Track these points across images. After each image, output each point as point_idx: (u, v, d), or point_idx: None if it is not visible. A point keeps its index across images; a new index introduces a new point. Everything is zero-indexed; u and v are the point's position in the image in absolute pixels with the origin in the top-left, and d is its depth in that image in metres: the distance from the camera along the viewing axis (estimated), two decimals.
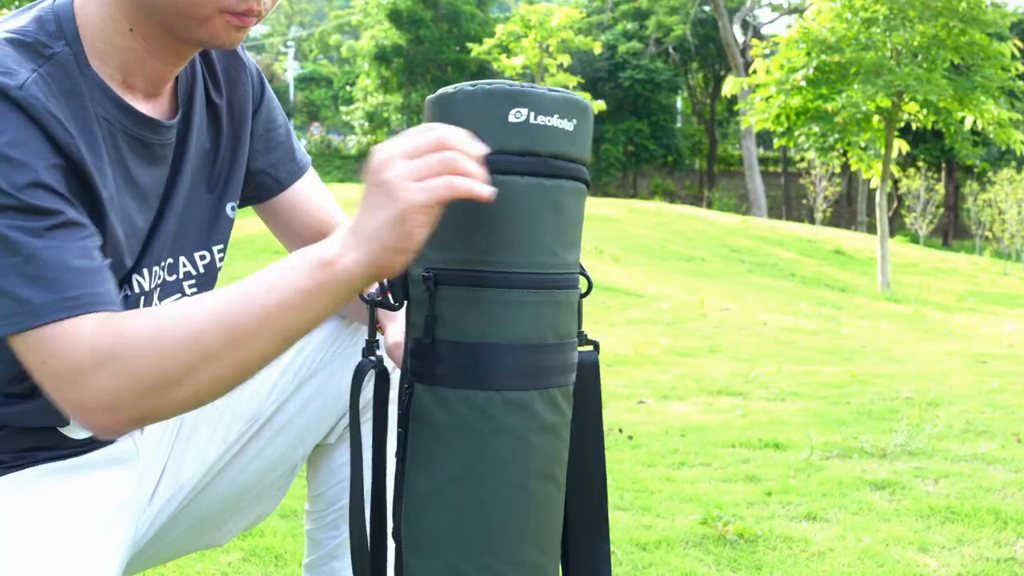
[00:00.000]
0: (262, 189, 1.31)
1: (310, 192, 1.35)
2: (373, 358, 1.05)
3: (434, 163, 0.90)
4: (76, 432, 1.15)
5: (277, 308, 0.91)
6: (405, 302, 1.02)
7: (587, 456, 1.14)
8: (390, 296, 1.02)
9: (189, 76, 1.19)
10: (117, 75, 1.07)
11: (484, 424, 0.98)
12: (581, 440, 1.13)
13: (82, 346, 0.92)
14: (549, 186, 0.99)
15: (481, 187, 0.91)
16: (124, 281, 1.10)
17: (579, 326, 1.08)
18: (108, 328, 0.92)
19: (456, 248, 0.97)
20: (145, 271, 1.12)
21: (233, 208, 1.24)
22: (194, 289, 1.21)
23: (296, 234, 1.34)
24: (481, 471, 0.98)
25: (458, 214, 0.96)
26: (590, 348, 1.12)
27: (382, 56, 34.00)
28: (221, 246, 1.24)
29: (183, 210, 1.17)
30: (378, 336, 1.07)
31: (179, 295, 1.19)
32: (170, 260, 1.16)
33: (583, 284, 1.08)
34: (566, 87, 20.74)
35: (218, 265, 1.25)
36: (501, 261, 0.97)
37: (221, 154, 1.23)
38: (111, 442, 1.21)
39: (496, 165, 0.96)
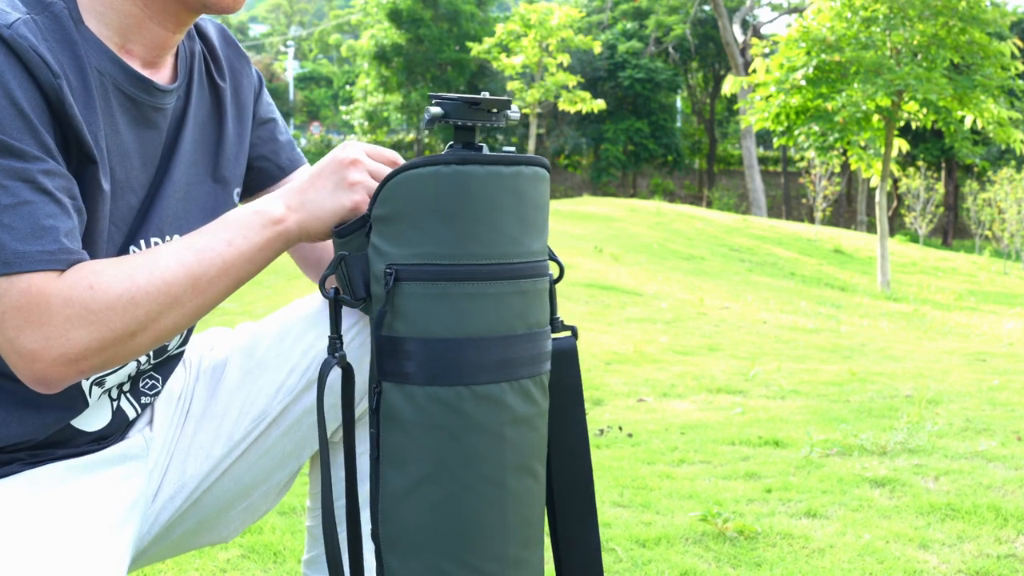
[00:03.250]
0: (264, 175, 1.32)
1: None
2: (336, 355, 1.05)
3: (386, 154, 1.09)
4: (88, 424, 1.15)
5: (234, 260, 1.04)
6: (366, 298, 1.02)
7: (570, 443, 1.13)
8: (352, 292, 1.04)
9: (189, 53, 1.20)
10: (116, 39, 1.08)
11: (455, 420, 0.97)
12: (563, 428, 1.12)
13: (55, 300, 0.95)
14: (508, 174, 0.98)
15: None
16: (123, 250, 1.11)
17: (553, 313, 1.07)
18: (82, 282, 0.96)
19: (417, 243, 0.97)
20: (142, 242, 1.12)
21: (238, 195, 1.25)
22: None
23: None
24: (455, 468, 0.97)
25: (419, 209, 0.96)
26: (567, 334, 1.11)
27: (382, 55, 33.96)
28: None
29: (185, 186, 1.17)
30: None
31: None
32: (176, 237, 1.16)
33: (554, 270, 1.08)
34: (566, 86, 20.76)
35: None
36: (464, 253, 0.97)
37: (228, 139, 1.24)
38: (123, 438, 1.21)
39: (454, 157, 0.96)
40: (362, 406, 1.26)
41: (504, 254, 0.98)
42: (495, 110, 1.03)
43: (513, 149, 1.04)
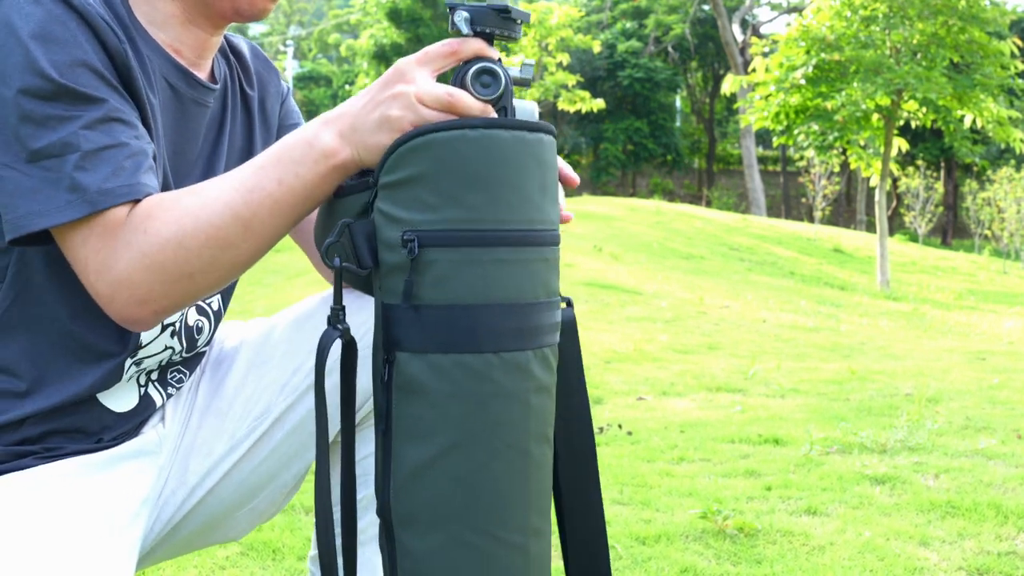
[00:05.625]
0: None
1: None
2: (340, 327, 1.00)
3: (442, 97, 0.96)
4: (115, 403, 1.15)
5: (286, 199, 0.99)
6: (373, 268, 0.98)
7: (576, 413, 1.12)
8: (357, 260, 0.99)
9: (224, 66, 1.24)
10: (161, 35, 1.12)
11: (483, 388, 0.95)
12: (567, 398, 1.11)
13: (119, 244, 0.97)
14: (531, 140, 0.97)
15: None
16: None
17: None
18: (139, 226, 0.98)
19: (443, 208, 0.94)
20: None
21: None
22: None
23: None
24: (482, 436, 0.95)
25: (443, 173, 0.94)
26: (564, 306, 1.11)
27: (381, 55, 33.94)
28: None
29: None
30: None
31: None
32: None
33: None
34: (565, 86, 20.74)
35: None
36: (493, 219, 0.95)
37: (256, 146, 1.27)
38: (137, 435, 1.20)
39: (480, 120, 0.95)
40: (364, 407, 1.23)
41: (530, 220, 0.97)
42: (520, 21, 1.00)
43: (532, 63, 1.02)
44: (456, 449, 0.95)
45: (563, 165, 1.12)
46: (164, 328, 1.17)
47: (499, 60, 1.00)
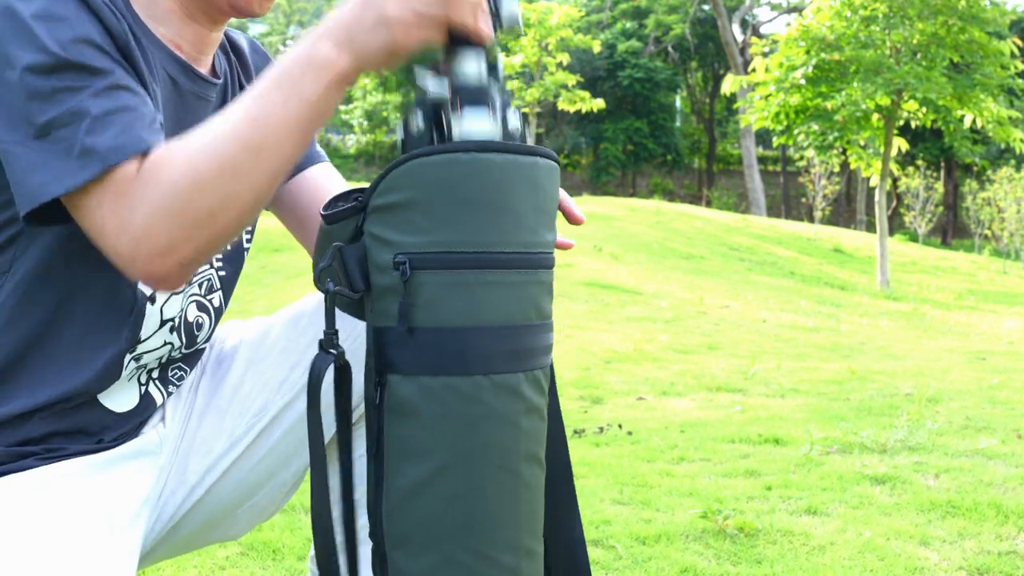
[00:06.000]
0: None
1: (326, 179, 1.34)
2: (333, 351, 1.01)
3: None
4: (115, 403, 1.15)
5: (293, 120, 0.96)
6: (365, 291, 0.98)
7: (551, 433, 1.12)
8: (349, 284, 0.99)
9: (225, 62, 1.23)
10: (161, 29, 1.12)
11: (474, 410, 0.96)
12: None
13: (135, 199, 0.95)
14: (524, 163, 0.97)
15: (480, 27, 0.95)
16: None
17: None
18: (152, 177, 0.95)
19: (434, 231, 0.94)
20: None
21: None
22: (220, 263, 1.25)
23: (306, 217, 1.33)
24: (473, 457, 0.96)
25: (434, 197, 0.94)
26: None
27: None
28: (250, 228, 1.27)
29: None
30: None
31: (207, 267, 1.23)
32: None
33: None
34: (565, 86, 20.75)
35: (245, 247, 1.29)
36: (483, 242, 0.95)
37: None
38: (138, 435, 1.20)
39: (473, 143, 0.95)
40: (358, 409, 1.24)
41: (524, 243, 0.98)
42: None
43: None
44: (447, 470, 0.96)
45: (568, 201, 1.12)
46: (163, 323, 1.17)
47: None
